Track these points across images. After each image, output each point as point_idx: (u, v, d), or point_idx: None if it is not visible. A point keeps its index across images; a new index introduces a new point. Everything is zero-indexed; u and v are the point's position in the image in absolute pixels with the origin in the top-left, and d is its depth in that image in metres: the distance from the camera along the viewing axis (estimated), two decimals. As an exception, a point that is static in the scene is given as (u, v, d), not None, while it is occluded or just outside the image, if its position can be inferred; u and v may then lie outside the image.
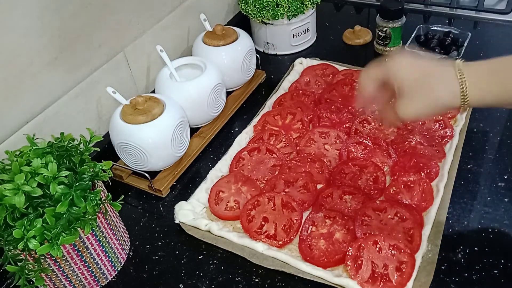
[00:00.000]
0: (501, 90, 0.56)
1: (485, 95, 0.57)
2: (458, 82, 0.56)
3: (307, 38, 1.18)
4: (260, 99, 1.04)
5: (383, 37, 1.02)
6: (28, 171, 0.58)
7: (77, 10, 0.80)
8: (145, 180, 0.86)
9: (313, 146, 0.88)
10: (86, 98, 0.87)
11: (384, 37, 1.00)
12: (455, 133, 0.85)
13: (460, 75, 0.57)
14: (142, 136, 0.80)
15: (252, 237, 0.73)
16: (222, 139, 0.96)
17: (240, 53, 1.00)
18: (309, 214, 0.75)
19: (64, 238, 0.58)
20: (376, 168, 0.81)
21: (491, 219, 0.73)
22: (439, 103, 0.59)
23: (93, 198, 0.61)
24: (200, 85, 0.90)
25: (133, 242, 0.78)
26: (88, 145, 0.67)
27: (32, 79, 0.76)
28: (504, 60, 0.56)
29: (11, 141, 0.75)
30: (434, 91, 0.58)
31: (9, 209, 0.57)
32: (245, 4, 1.12)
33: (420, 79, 0.59)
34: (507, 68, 0.56)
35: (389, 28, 1.00)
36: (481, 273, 0.66)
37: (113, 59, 0.91)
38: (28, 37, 0.73)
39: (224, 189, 0.81)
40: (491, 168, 0.81)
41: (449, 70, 0.57)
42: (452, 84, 0.57)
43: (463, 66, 0.57)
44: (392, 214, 0.72)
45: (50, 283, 0.66)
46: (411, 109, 0.60)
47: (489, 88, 0.57)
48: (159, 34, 1.01)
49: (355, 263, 0.66)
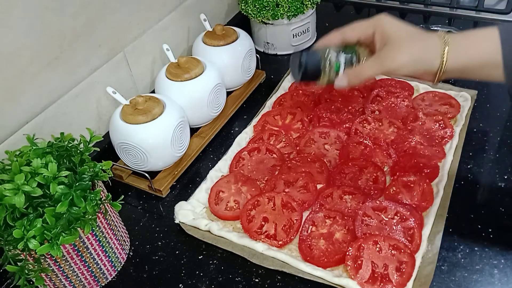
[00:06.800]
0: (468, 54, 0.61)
1: (457, 57, 0.61)
2: (442, 45, 0.61)
3: (307, 38, 1.18)
4: (260, 99, 1.04)
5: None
6: (28, 171, 0.58)
7: (77, 10, 0.80)
8: (145, 180, 0.86)
9: (313, 146, 0.88)
10: (86, 98, 0.87)
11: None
12: (455, 133, 0.85)
13: (444, 39, 0.62)
14: (142, 136, 0.80)
15: (252, 237, 0.73)
16: (222, 139, 0.96)
17: (240, 53, 1.00)
18: (309, 214, 0.75)
19: (64, 238, 0.58)
20: (376, 168, 0.81)
21: (491, 219, 0.73)
22: (421, 60, 0.62)
23: (93, 198, 0.61)
24: (200, 85, 0.90)
25: (133, 242, 0.78)
26: (88, 145, 0.67)
27: (32, 79, 0.76)
28: (475, 30, 0.62)
29: (11, 141, 0.75)
30: (419, 49, 0.63)
31: (9, 209, 0.57)
32: (245, 4, 1.12)
33: (410, 33, 0.64)
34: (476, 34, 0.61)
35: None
36: (481, 273, 0.66)
37: (113, 59, 0.91)
38: (28, 37, 0.73)
39: (224, 189, 0.81)
40: (491, 168, 0.81)
41: (434, 36, 0.63)
42: (436, 46, 0.61)
43: (446, 34, 0.62)
44: (392, 214, 0.72)
45: (50, 283, 0.66)
46: (395, 59, 0.63)
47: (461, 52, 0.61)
48: (159, 34, 1.01)
49: (355, 263, 0.66)
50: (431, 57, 0.61)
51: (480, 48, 0.60)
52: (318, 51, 0.70)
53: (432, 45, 0.62)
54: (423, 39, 0.63)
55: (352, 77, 0.68)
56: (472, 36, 0.62)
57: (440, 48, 0.61)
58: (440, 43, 0.61)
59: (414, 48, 0.63)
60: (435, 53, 0.61)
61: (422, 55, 0.62)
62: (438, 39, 0.62)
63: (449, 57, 0.61)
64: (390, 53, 0.64)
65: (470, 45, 0.61)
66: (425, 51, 0.62)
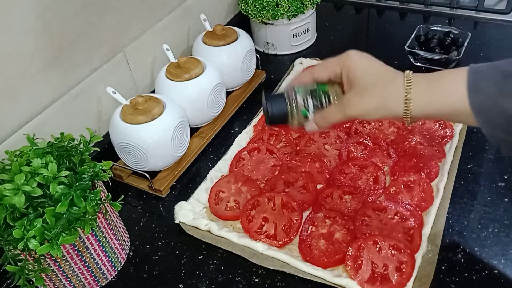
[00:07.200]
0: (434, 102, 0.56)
1: (423, 105, 0.57)
2: (404, 92, 0.57)
3: (307, 38, 1.18)
4: (260, 99, 1.04)
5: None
6: (28, 171, 0.58)
7: (77, 10, 0.80)
8: (145, 180, 0.86)
9: (313, 146, 0.88)
10: (86, 98, 0.87)
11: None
12: (455, 133, 0.85)
13: (408, 84, 0.57)
14: (142, 136, 0.80)
15: (252, 237, 0.73)
16: (222, 139, 0.96)
17: (240, 53, 1.00)
18: (309, 214, 0.75)
19: (64, 238, 0.58)
20: (376, 168, 0.81)
21: (491, 219, 0.73)
22: (385, 108, 0.59)
23: (93, 198, 0.61)
24: (200, 85, 0.90)
25: (133, 242, 0.78)
26: (88, 145, 0.67)
27: (32, 79, 0.76)
28: (442, 73, 0.57)
29: (11, 141, 0.75)
30: (382, 95, 0.58)
31: (9, 209, 0.57)
32: (245, 4, 1.12)
33: (374, 79, 0.59)
34: (442, 80, 0.56)
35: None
36: (481, 273, 0.66)
37: (113, 59, 0.91)
38: (28, 37, 0.73)
39: (224, 189, 0.81)
40: (491, 168, 0.81)
41: (399, 79, 0.58)
42: (399, 92, 0.57)
43: (413, 77, 0.58)
44: (392, 214, 0.72)
45: (50, 283, 0.66)
46: (358, 107, 0.60)
47: (426, 99, 0.57)
48: (159, 34, 1.01)
49: (355, 263, 0.66)
50: (393, 105, 0.58)
51: (446, 95, 0.55)
52: (285, 96, 0.66)
53: (395, 92, 0.58)
54: (386, 85, 0.59)
55: (320, 123, 0.65)
56: (438, 81, 0.57)
57: (402, 96, 0.57)
58: (402, 90, 0.57)
59: (377, 96, 0.59)
60: (397, 101, 0.57)
61: (384, 102, 0.58)
62: (401, 85, 0.58)
63: (413, 105, 0.57)
64: (353, 99, 0.60)
65: (435, 92, 0.56)
66: (388, 98, 0.58)
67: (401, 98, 0.57)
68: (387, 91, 0.58)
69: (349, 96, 0.61)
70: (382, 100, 0.58)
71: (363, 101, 0.59)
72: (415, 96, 0.57)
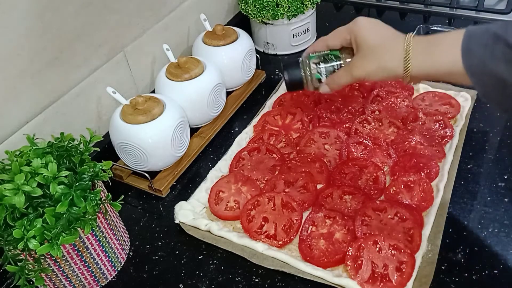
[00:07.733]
0: (431, 62, 0.61)
1: (421, 65, 0.61)
2: (403, 53, 0.62)
3: (307, 38, 1.18)
4: (260, 99, 1.04)
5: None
6: (28, 171, 0.58)
7: (77, 10, 0.80)
8: (145, 180, 0.86)
9: (313, 146, 0.88)
10: (86, 98, 0.87)
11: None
12: (455, 133, 0.85)
13: (407, 46, 0.62)
14: (142, 136, 0.80)
15: (252, 237, 0.73)
16: (222, 139, 0.96)
17: (240, 53, 1.00)
18: (309, 214, 0.75)
19: (64, 238, 0.58)
20: (376, 168, 0.81)
21: (491, 219, 0.73)
22: (386, 68, 0.65)
23: (93, 198, 0.61)
24: (200, 85, 0.90)
25: (133, 242, 0.78)
26: (88, 145, 0.67)
27: (32, 79, 0.76)
28: (441, 36, 0.61)
29: (11, 141, 0.75)
30: (384, 57, 0.65)
31: (9, 209, 0.57)
32: (245, 4, 1.12)
33: (376, 44, 0.66)
34: (439, 42, 0.61)
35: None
36: (481, 273, 0.66)
37: (113, 59, 0.91)
38: (28, 37, 0.73)
39: (224, 189, 0.81)
40: (491, 168, 0.81)
41: (400, 42, 0.63)
42: (399, 54, 0.63)
43: (413, 39, 0.63)
44: (392, 214, 0.72)
45: (50, 283, 0.66)
46: (362, 68, 0.67)
47: (425, 59, 0.61)
48: (159, 34, 1.01)
49: (355, 263, 0.66)
50: (394, 65, 0.63)
51: (442, 56, 0.59)
52: (299, 64, 0.76)
53: (395, 53, 0.63)
54: (388, 47, 0.65)
55: (331, 85, 0.74)
56: (436, 43, 0.61)
57: (401, 57, 0.62)
58: (402, 51, 0.62)
59: (379, 57, 0.65)
60: (397, 61, 0.62)
61: (386, 63, 0.64)
62: (401, 47, 0.63)
63: (412, 65, 0.61)
64: (358, 62, 0.67)
65: (432, 52, 0.61)
66: (389, 59, 0.64)
67: (401, 59, 0.62)
68: (388, 53, 0.64)
69: (355, 59, 0.68)
70: (384, 61, 0.65)
71: (366, 63, 0.66)
72: (414, 57, 0.62)
